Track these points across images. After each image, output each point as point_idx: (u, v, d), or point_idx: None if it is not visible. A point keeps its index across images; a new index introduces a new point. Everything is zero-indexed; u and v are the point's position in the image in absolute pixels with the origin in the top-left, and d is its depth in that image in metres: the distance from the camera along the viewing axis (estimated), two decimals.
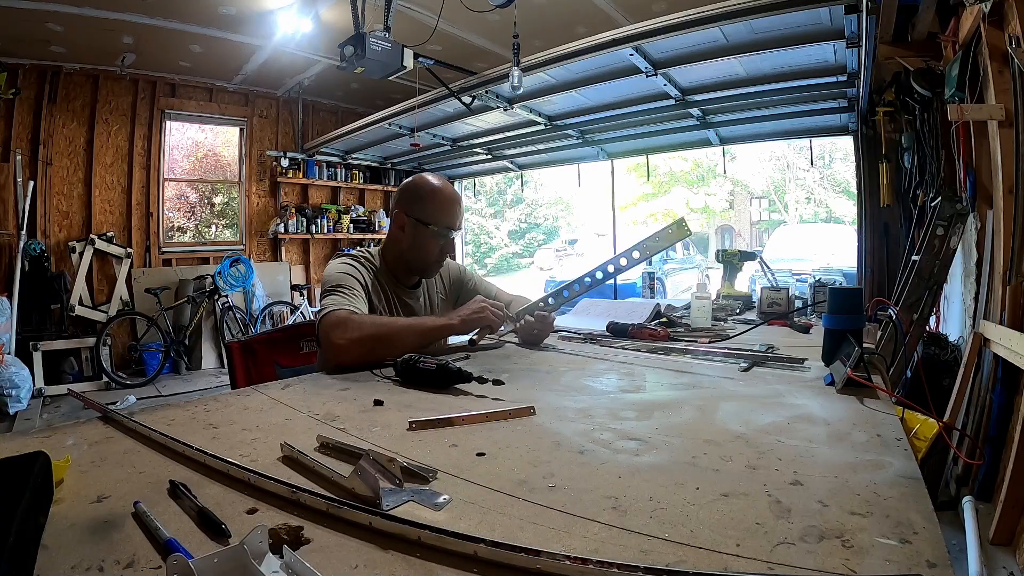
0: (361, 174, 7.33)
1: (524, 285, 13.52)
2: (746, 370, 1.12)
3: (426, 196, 1.47)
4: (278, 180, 6.62)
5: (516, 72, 3.46)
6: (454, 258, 1.62)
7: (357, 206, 7.35)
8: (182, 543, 0.47)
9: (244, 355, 1.47)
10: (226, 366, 1.53)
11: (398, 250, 1.51)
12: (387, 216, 7.53)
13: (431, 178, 1.51)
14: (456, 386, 0.99)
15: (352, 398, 0.96)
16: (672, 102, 4.28)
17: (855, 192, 4.83)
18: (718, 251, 2.44)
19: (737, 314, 1.97)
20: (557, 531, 0.51)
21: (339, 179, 7.14)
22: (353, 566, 0.46)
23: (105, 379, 4.93)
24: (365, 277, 1.44)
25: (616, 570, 0.43)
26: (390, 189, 7.62)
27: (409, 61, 3.40)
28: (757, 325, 1.65)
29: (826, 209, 16.35)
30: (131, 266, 5.58)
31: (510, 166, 6.96)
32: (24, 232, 4.88)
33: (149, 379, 5.13)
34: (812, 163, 13.63)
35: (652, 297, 3.02)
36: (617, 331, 1.54)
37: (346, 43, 3.24)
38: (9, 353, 4.34)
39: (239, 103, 6.46)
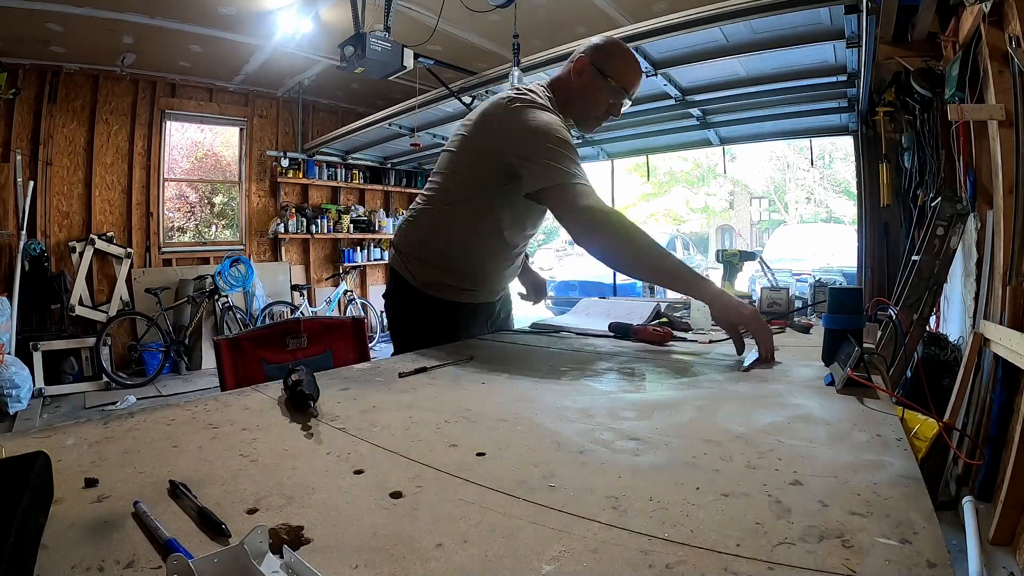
0: (361, 174, 7.34)
1: None
2: (746, 370, 1.12)
3: (617, 53, 1.45)
4: (278, 180, 6.62)
5: (516, 72, 3.46)
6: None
7: (357, 206, 7.36)
8: (182, 543, 0.47)
9: (232, 352, 1.48)
10: (215, 363, 1.54)
11: (566, 93, 1.47)
12: (387, 216, 7.53)
13: (627, 45, 1.51)
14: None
15: (352, 398, 0.96)
16: (672, 102, 4.29)
17: (855, 192, 4.84)
18: (718, 251, 2.44)
19: None
20: (557, 531, 0.51)
21: (339, 179, 7.14)
22: (353, 566, 0.46)
23: (105, 379, 4.93)
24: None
25: None
26: (390, 189, 7.62)
27: (409, 61, 3.41)
28: None
29: (826, 209, 16.37)
30: (131, 266, 5.59)
31: None
32: (24, 232, 4.88)
33: (149, 379, 5.13)
34: (812, 163, 13.65)
35: (652, 297, 3.02)
36: (620, 331, 1.54)
37: (346, 43, 3.25)
38: (9, 353, 4.34)
39: (239, 103, 6.47)
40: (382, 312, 7.58)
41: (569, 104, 1.47)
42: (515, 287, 1.85)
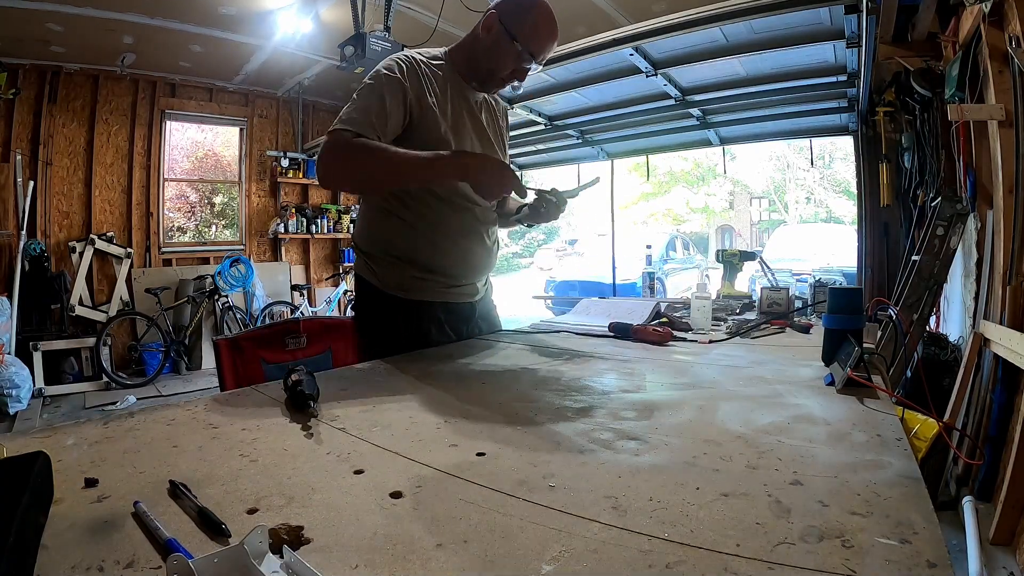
0: None
1: (524, 285, 13.53)
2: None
3: (528, 14, 1.33)
4: (278, 180, 6.62)
5: None
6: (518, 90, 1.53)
7: (357, 206, 7.35)
8: (182, 543, 0.47)
9: (232, 352, 1.48)
10: (214, 363, 1.54)
11: (472, 50, 1.38)
12: None
13: (546, 2, 1.37)
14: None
15: (352, 398, 0.96)
16: (672, 102, 4.29)
17: (855, 192, 4.84)
18: (718, 251, 2.44)
19: (737, 314, 1.97)
20: (557, 531, 0.51)
21: None
22: (353, 566, 0.46)
23: (105, 379, 4.93)
24: (415, 71, 1.29)
25: None
26: None
27: None
28: (757, 324, 1.65)
29: (826, 209, 16.37)
30: (131, 266, 5.58)
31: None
32: (24, 232, 4.88)
33: (149, 379, 5.13)
34: (812, 163, 13.65)
35: (652, 297, 3.02)
36: (620, 331, 1.54)
37: (346, 43, 3.24)
38: (9, 353, 4.34)
39: (239, 103, 6.46)
40: None
41: (475, 60, 1.38)
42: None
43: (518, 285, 14.17)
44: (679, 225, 17.34)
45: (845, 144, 11.61)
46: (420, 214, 1.37)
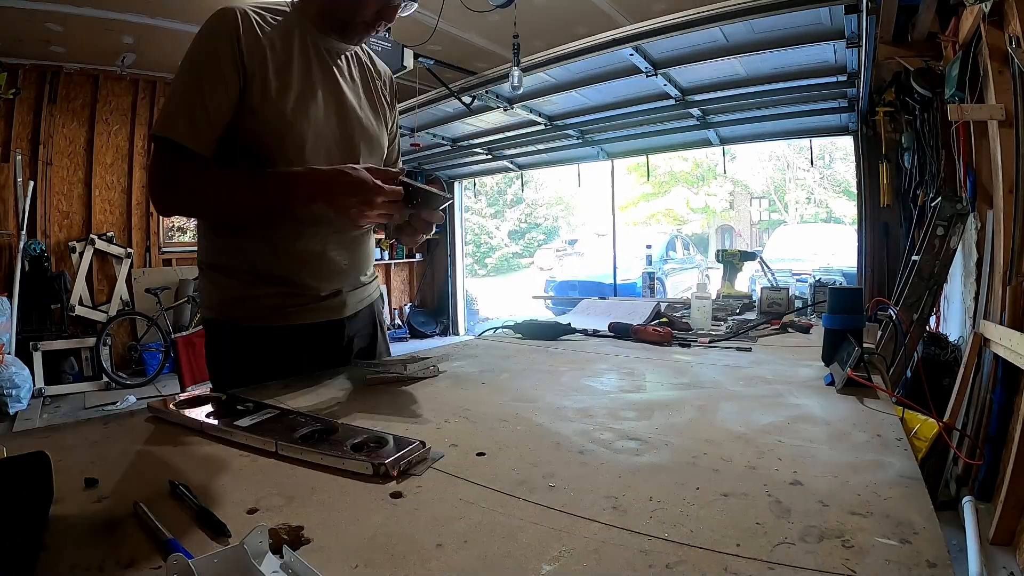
0: None
1: (524, 285, 13.54)
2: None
3: None
4: None
5: (516, 72, 3.46)
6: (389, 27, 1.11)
7: None
8: (182, 543, 0.47)
9: (187, 348, 1.57)
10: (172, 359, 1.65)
11: None
12: None
13: None
14: None
15: (352, 398, 0.96)
16: (672, 102, 4.29)
17: (855, 192, 4.84)
18: (718, 251, 2.44)
19: (737, 314, 1.97)
20: (557, 531, 0.51)
21: None
22: (353, 566, 0.46)
23: (105, 379, 4.93)
24: (253, 30, 1.02)
25: None
26: None
27: (409, 61, 3.41)
28: (757, 324, 1.65)
29: (826, 209, 16.36)
30: (131, 266, 5.59)
31: (510, 166, 6.96)
32: (24, 232, 4.88)
33: (149, 379, 5.14)
34: (812, 163, 13.65)
35: (652, 297, 3.02)
36: (620, 331, 1.54)
37: None
38: (9, 353, 4.34)
39: None
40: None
41: (330, 5, 1.08)
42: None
43: (518, 285, 14.19)
44: (679, 225, 17.34)
45: (845, 144, 11.62)
46: (248, 221, 1.08)
